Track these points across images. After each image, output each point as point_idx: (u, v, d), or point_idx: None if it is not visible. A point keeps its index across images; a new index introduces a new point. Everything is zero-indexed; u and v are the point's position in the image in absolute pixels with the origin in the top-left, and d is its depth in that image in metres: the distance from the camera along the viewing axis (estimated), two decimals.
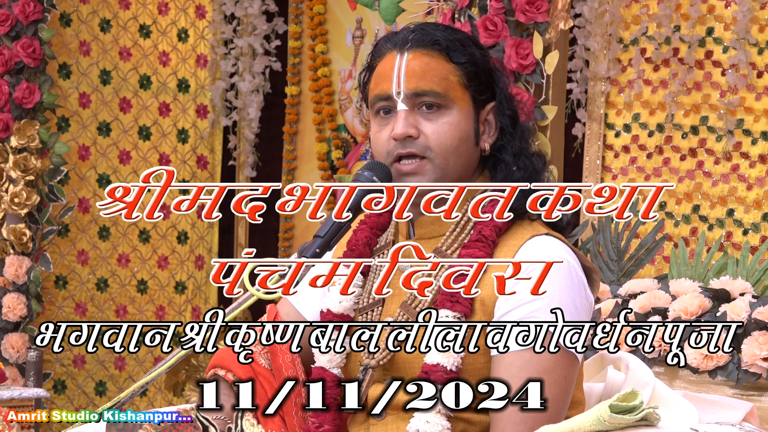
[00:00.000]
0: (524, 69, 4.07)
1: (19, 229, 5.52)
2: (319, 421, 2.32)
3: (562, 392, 2.19)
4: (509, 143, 2.30)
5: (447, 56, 2.27)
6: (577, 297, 2.20)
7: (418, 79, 2.25)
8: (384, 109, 2.29)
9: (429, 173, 2.25)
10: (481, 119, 2.30)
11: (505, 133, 2.31)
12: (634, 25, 4.50)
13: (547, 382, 2.15)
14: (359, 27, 5.94)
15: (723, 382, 3.57)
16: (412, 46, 2.27)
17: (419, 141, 2.25)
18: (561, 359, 2.17)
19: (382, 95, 2.28)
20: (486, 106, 2.31)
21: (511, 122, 2.32)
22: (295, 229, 6.27)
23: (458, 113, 2.27)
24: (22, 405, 5.07)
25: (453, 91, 2.26)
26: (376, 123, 2.30)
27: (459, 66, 2.27)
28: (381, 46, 2.32)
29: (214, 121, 6.31)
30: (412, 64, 2.26)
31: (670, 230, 4.38)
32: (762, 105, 4.20)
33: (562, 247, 2.24)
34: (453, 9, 4.28)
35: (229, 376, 2.36)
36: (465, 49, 2.28)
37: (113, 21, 6.11)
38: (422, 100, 2.26)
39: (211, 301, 6.34)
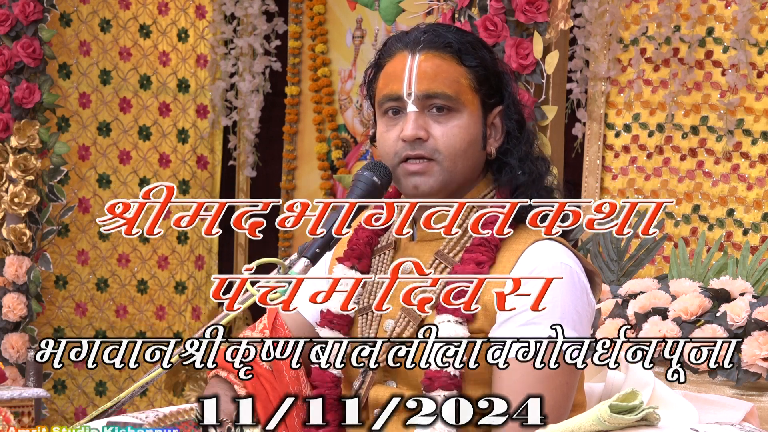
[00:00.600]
0: (524, 69, 4.07)
1: (19, 229, 5.52)
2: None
3: (563, 398, 2.19)
4: (515, 147, 2.30)
5: (459, 59, 2.26)
6: (579, 303, 2.20)
7: (430, 81, 2.24)
8: (393, 109, 2.28)
9: (436, 174, 2.25)
10: (489, 123, 2.30)
11: (512, 138, 2.31)
12: (634, 25, 4.50)
13: (547, 388, 2.14)
14: (359, 27, 5.94)
15: (723, 382, 3.57)
16: (425, 48, 2.26)
17: (428, 143, 2.24)
18: (562, 368, 2.17)
19: (392, 95, 2.27)
20: (494, 110, 2.30)
21: (518, 126, 2.31)
22: (295, 229, 6.27)
23: (468, 117, 2.26)
24: (22, 405, 5.07)
25: (464, 95, 2.25)
26: (383, 123, 2.29)
27: (470, 69, 2.26)
28: (391, 45, 2.31)
29: (214, 121, 6.31)
30: (424, 66, 2.25)
31: (670, 230, 4.38)
32: (762, 105, 4.20)
33: (564, 251, 2.24)
34: (453, 9, 4.28)
35: (230, 376, 2.36)
36: (476, 53, 2.28)
37: (113, 21, 6.12)
38: (433, 102, 2.25)
39: (211, 301, 6.34)
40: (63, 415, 6.01)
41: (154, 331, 6.21)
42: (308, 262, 2.16)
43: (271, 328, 2.40)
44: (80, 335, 6.05)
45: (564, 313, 2.17)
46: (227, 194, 6.42)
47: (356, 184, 2.25)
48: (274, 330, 2.40)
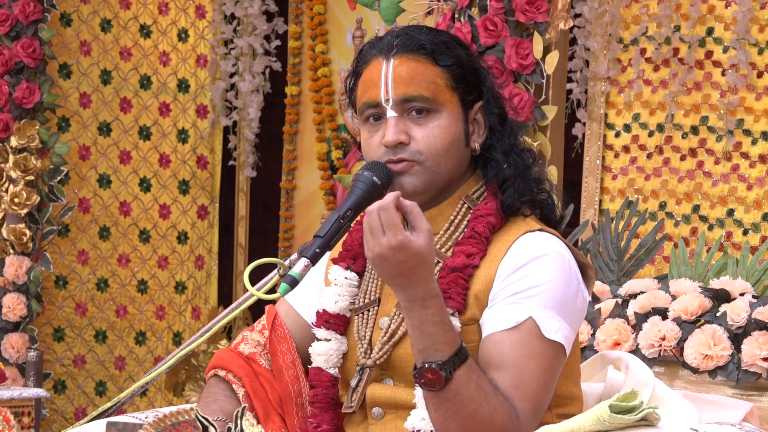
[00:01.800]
0: (524, 69, 4.07)
1: (19, 229, 5.52)
2: (317, 421, 2.33)
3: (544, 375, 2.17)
4: (499, 141, 2.31)
5: (433, 60, 2.27)
6: (569, 290, 2.21)
7: (406, 85, 2.25)
8: (373, 116, 2.29)
9: (419, 174, 2.26)
10: (470, 119, 2.31)
11: (494, 132, 2.32)
12: (634, 25, 4.50)
13: (528, 365, 2.14)
14: (359, 27, 5.94)
15: (723, 382, 3.57)
16: (398, 52, 2.27)
17: (410, 147, 2.26)
18: (548, 348, 2.16)
19: (371, 102, 2.28)
20: (474, 106, 2.31)
21: (500, 120, 2.33)
22: (295, 229, 6.27)
23: (448, 116, 2.27)
24: (22, 405, 5.07)
25: (441, 95, 2.26)
26: (365, 130, 2.30)
27: (445, 69, 2.27)
28: (366, 53, 2.32)
29: (214, 121, 6.31)
30: (399, 70, 2.26)
31: (670, 230, 4.38)
32: (762, 105, 4.20)
33: (556, 242, 2.25)
34: (453, 9, 4.28)
35: (230, 376, 2.36)
36: (450, 51, 2.28)
37: (114, 21, 6.12)
38: (411, 105, 2.26)
39: (211, 301, 6.34)
40: (63, 415, 6.01)
41: (154, 331, 6.21)
42: (308, 262, 2.16)
43: (270, 328, 2.41)
44: (80, 335, 6.05)
45: (551, 296, 2.18)
46: (227, 194, 6.42)
47: (356, 184, 2.25)
48: (274, 330, 2.41)
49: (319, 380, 2.34)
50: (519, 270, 2.20)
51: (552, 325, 2.17)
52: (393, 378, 2.29)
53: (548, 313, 2.17)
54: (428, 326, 2.09)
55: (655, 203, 4.43)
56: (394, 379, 2.29)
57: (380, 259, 2.09)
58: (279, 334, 2.40)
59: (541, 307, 2.17)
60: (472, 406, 2.09)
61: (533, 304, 2.17)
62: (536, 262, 2.19)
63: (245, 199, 6.39)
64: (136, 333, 6.17)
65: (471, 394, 2.09)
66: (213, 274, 6.37)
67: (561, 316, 2.18)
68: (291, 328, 2.42)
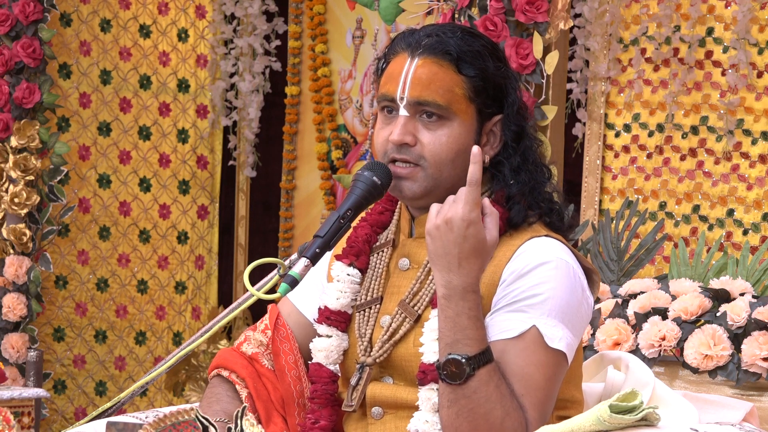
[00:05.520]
0: (524, 69, 4.07)
1: (19, 229, 5.52)
2: (315, 416, 2.33)
3: (548, 384, 2.17)
4: (508, 159, 2.28)
5: (456, 67, 2.25)
6: (573, 298, 2.20)
7: (423, 88, 2.24)
8: (388, 108, 2.30)
9: (420, 180, 2.26)
10: (486, 130, 2.29)
11: (507, 148, 2.29)
12: (634, 25, 4.50)
13: (533, 374, 2.15)
14: (359, 27, 5.94)
15: (723, 382, 3.57)
16: (424, 52, 2.26)
17: (414, 149, 2.25)
18: (552, 356, 2.17)
19: (387, 96, 2.28)
20: (492, 118, 2.29)
21: (515, 137, 2.29)
22: (295, 229, 6.27)
23: (459, 126, 2.26)
24: (22, 405, 5.07)
25: (456, 104, 2.25)
26: (380, 119, 2.31)
27: (467, 79, 2.25)
28: (396, 44, 2.31)
29: (214, 121, 6.31)
30: (420, 72, 2.25)
31: (670, 230, 4.38)
32: (762, 105, 4.20)
33: (561, 247, 2.24)
34: (453, 9, 4.28)
35: (233, 377, 2.36)
36: (477, 62, 2.26)
37: (113, 21, 6.12)
38: (424, 109, 2.25)
39: (211, 301, 6.34)
40: (63, 415, 6.01)
41: (154, 331, 6.21)
42: (308, 262, 2.16)
43: (273, 328, 2.41)
44: (80, 335, 6.05)
45: (554, 304, 2.17)
46: (227, 194, 6.42)
47: (356, 184, 2.26)
48: (276, 330, 2.41)
49: (318, 376, 2.34)
50: (523, 277, 2.19)
51: (555, 334, 2.16)
52: (393, 376, 2.29)
53: (551, 322, 2.17)
54: (463, 319, 2.11)
55: (655, 203, 4.43)
56: (394, 378, 2.29)
57: (446, 226, 2.11)
58: (282, 334, 2.40)
59: (544, 316, 2.16)
60: (487, 406, 2.09)
61: (537, 312, 2.16)
62: (540, 269, 2.19)
63: (245, 199, 6.38)
64: (136, 333, 6.17)
65: (489, 394, 2.09)
66: (213, 274, 6.37)
67: (564, 324, 2.18)
68: (293, 328, 2.42)
